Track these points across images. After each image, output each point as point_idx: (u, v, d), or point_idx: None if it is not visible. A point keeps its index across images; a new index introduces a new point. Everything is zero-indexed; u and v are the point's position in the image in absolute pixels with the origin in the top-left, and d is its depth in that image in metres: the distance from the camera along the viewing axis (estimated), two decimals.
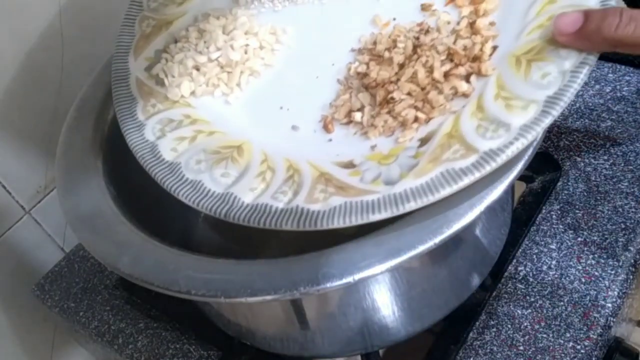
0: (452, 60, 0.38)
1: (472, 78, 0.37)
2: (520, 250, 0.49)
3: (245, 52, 0.43)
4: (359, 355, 0.46)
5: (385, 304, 0.40)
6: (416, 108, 0.37)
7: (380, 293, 0.39)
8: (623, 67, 0.60)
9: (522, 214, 0.51)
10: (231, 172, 0.37)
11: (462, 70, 0.37)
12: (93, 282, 0.58)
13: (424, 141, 0.35)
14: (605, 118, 0.56)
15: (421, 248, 0.32)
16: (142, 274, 0.35)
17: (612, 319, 0.45)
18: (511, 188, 0.43)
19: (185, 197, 0.37)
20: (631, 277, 0.46)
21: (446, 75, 0.37)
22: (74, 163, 0.43)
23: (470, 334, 0.46)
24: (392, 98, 0.37)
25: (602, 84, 0.59)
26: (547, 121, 0.32)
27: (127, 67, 0.45)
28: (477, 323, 0.46)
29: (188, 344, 0.51)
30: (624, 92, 0.58)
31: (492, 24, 0.39)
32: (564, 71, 0.33)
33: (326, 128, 0.39)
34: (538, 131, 0.32)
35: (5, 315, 0.62)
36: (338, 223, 0.33)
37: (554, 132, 0.56)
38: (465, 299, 0.45)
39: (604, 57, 0.61)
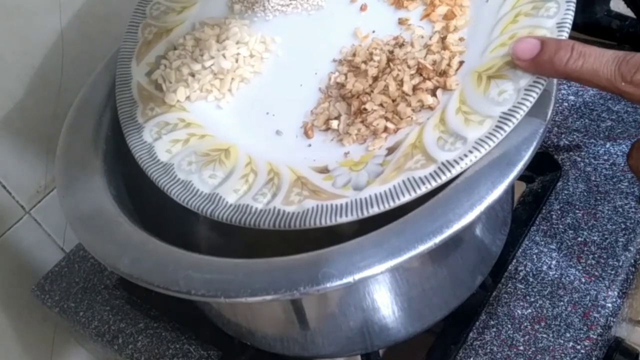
0: (421, 75, 0.40)
1: (438, 92, 0.39)
2: (520, 250, 0.49)
3: (237, 61, 0.46)
4: (359, 355, 0.46)
5: (385, 304, 0.40)
6: (386, 119, 0.40)
7: (380, 293, 0.39)
8: None
9: (522, 214, 0.51)
10: (218, 174, 0.40)
11: (429, 84, 0.39)
12: (93, 282, 0.58)
13: (391, 150, 0.38)
14: (605, 118, 0.56)
15: (421, 248, 0.32)
16: (142, 274, 0.35)
17: (612, 319, 0.45)
18: (511, 188, 0.43)
19: (177, 196, 0.40)
20: (631, 277, 0.46)
21: (415, 88, 0.40)
22: (74, 163, 0.43)
23: (470, 334, 0.46)
24: (365, 109, 0.40)
25: None
26: (500, 136, 0.34)
27: (129, 71, 0.47)
28: (477, 323, 0.46)
29: (188, 344, 0.51)
30: None
31: (461, 39, 0.41)
32: (519, 89, 0.35)
33: (306, 134, 0.42)
34: (491, 145, 0.34)
35: (5, 315, 0.62)
36: (309, 224, 0.36)
37: (554, 132, 0.56)
38: (465, 299, 0.45)
39: None
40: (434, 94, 0.39)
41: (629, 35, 0.60)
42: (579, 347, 0.43)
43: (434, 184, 0.34)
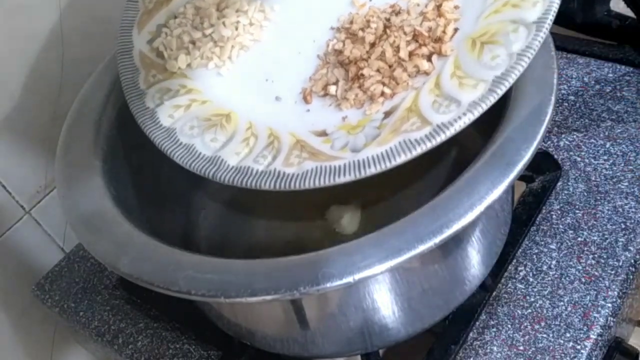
0: (417, 41, 0.41)
1: (434, 58, 0.40)
2: (520, 250, 0.49)
3: (236, 29, 0.46)
4: (359, 355, 0.46)
5: (385, 304, 0.40)
6: (383, 84, 0.40)
7: (380, 293, 0.39)
8: (623, 67, 0.60)
9: (522, 214, 0.51)
10: (219, 138, 0.41)
11: (425, 50, 0.40)
12: (93, 282, 0.58)
13: (387, 114, 0.39)
14: (605, 118, 0.56)
15: (421, 248, 0.32)
16: (142, 274, 0.35)
17: (612, 319, 0.45)
18: (511, 188, 0.43)
19: (179, 159, 0.40)
20: (631, 277, 0.46)
21: (411, 54, 0.41)
22: (74, 163, 0.43)
23: (470, 334, 0.46)
24: (363, 74, 0.41)
25: (602, 84, 0.59)
26: (493, 99, 0.35)
27: (131, 40, 0.47)
28: (477, 323, 0.46)
29: (188, 344, 0.51)
30: (624, 92, 0.58)
31: (456, 7, 0.42)
32: (512, 54, 0.36)
33: (305, 99, 0.43)
34: (484, 108, 0.35)
35: (5, 315, 0.62)
36: (309, 185, 0.37)
37: (554, 132, 0.56)
38: (465, 299, 0.45)
39: (604, 57, 0.61)
40: (429, 60, 0.40)
41: (629, 35, 0.60)
42: (579, 347, 0.43)
43: (429, 145, 0.35)
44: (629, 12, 0.59)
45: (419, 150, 0.35)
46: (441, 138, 0.35)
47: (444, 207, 0.33)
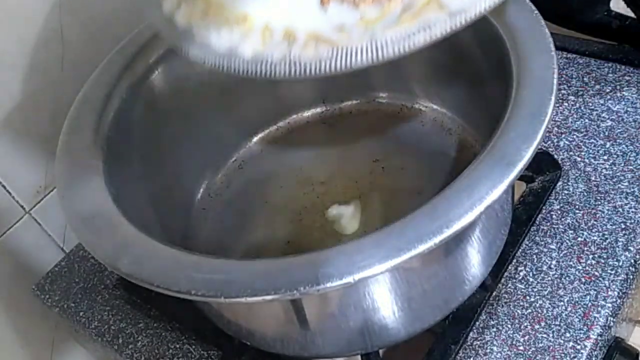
0: None
1: None
2: (520, 250, 0.49)
3: None
4: (359, 355, 0.46)
5: (385, 304, 0.40)
6: None
7: (380, 293, 0.39)
8: (623, 67, 0.60)
9: (522, 214, 0.51)
10: (235, 35, 0.40)
11: None
12: (93, 282, 0.58)
13: (405, 8, 0.38)
14: (605, 118, 0.56)
15: (421, 248, 0.32)
16: (142, 274, 0.35)
17: (612, 319, 0.45)
18: (511, 188, 0.43)
19: (195, 56, 0.39)
20: (631, 277, 0.46)
21: None
22: (74, 163, 0.43)
23: (470, 334, 0.46)
24: None
25: (602, 84, 0.59)
26: None
27: None
28: (477, 323, 0.46)
29: (188, 344, 0.51)
30: (624, 92, 0.58)
31: None
32: None
33: (322, 2, 0.41)
34: None
35: (5, 315, 0.62)
36: (325, 70, 0.36)
37: (554, 132, 0.56)
38: (465, 299, 0.45)
39: (604, 57, 0.61)
40: None
41: (629, 35, 0.60)
42: (579, 347, 0.43)
43: (448, 26, 0.35)
44: (629, 12, 0.59)
45: (437, 32, 0.35)
46: (459, 21, 0.35)
47: (444, 207, 0.33)
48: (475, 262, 0.43)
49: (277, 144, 0.60)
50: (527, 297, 0.46)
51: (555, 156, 0.54)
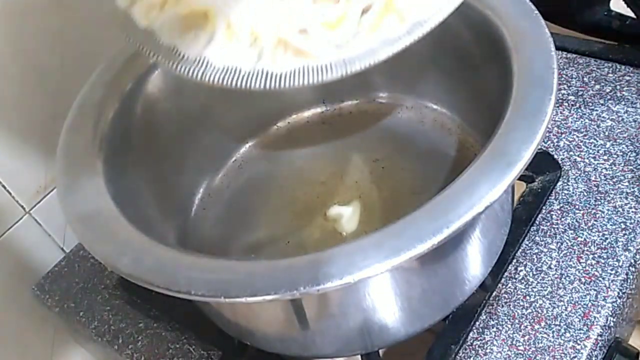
0: None
1: None
2: (520, 250, 0.49)
3: None
4: (359, 355, 0.46)
5: (385, 304, 0.40)
6: None
7: (380, 293, 0.39)
8: (623, 67, 0.60)
9: (522, 214, 0.51)
10: (200, 38, 0.40)
11: None
12: (93, 282, 0.58)
13: (365, 10, 0.39)
14: (605, 118, 0.56)
15: (421, 248, 0.32)
16: (142, 274, 0.35)
17: (612, 319, 0.45)
18: (511, 188, 0.43)
19: (164, 61, 0.39)
20: (631, 277, 0.46)
21: None
22: (74, 163, 0.43)
23: (470, 334, 0.46)
24: None
25: (602, 84, 0.59)
26: None
27: None
28: (477, 323, 0.46)
29: (188, 344, 0.51)
30: (624, 92, 0.58)
31: None
32: None
33: None
34: (456, 5, 0.36)
35: (5, 315, 0.62)
36: (298, 83, 0.37)
37: (554, 132, 0.56)
38: (465, 299, 0.45)
39: (604, 57, 0.61)
40: None
41: (629, 35, 0.60)
42: (579, 347, 0.43)
43: (408, 41, 0.36)
44: (629, 12, 0.59)
45: (399, 46, 0.37)
46: (418, 34, 0.37)
47: (444, 207, 0.33)
48: (475, 262, 0.43)
49: (277, 144, 0.60)
50: (527, 297, 0.46)
51: (555, 156, 0.54)
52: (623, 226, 0.48)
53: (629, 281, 0.46)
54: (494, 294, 0.47)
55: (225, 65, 0.39)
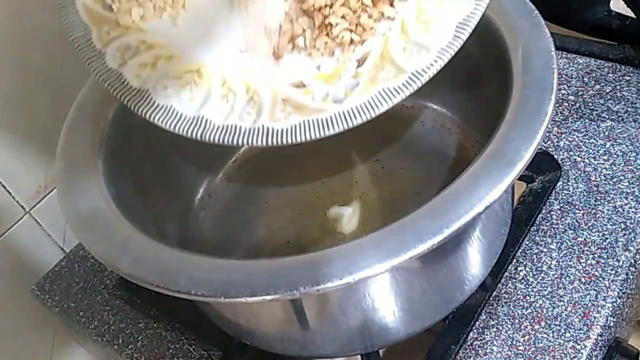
0: None
1: (396, 2, 0.41)
2: (520, 250, 0.49)
3: None
4: (359, 355, 0.46)
5: (385, 304, 0.40)
6: (350, 31, 0.41)
7: (380, 293, 0.39)
8: (623, 67, 0.60)
9: (522, 214, 0.51)
10: (196, 96, 0.40)
11: None
12: (93, 282, 0.58)
13: (361, 61, 0.40)
14: (605, 118, 0.56)
15: (421, 248, 0.32)
16: (142, 274, 0.35)
17: (612, 319, 0.45)
18: (511, 188, 0.43)
19: (161, 122, 0.39)
20: (631, 277, 0.46)
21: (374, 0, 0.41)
22: (74, 163, 0.43)
23: (470, 334, 0.46)
24: (330, 23, 0.41)
25: (602, 84, 0.59)
26: (458, 44, 0.38)
27: None
28: (477, 323, 0.46)
29: (188, 344, 0.51)
30: (624, 92, 0.58)
31: None
32: None
33: (275, 56, 0.42)
34: (452, 53, 0.37)
35: (5, 315, 0.62)
36: (300, 139, 0.38)
37: (554, 132, 0.56)
38: (465, 299, 0.45)
39: (604, 57, 0.61)
40: (392, 5, 0.41)
41: (629, 35, 0.60)
42: (579, 347, 0.43)
43: (408, 93, 0.37)
44: (629, 12, 0.59)
45: (398, 98, 0.37)
46: (417, 85, 0.37)
47: (444, 207, 0.33)
48: (475, 262, 0.43)
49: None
50: (527, 297, 0.46)
51: (555, 156, 0.54)
52: (623, 226, 0.48)
53: (629, 281, 0.46)
54: (494, 294, 0.47)
55: (225, 124, 0.39)
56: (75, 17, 0.42)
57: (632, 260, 0.47)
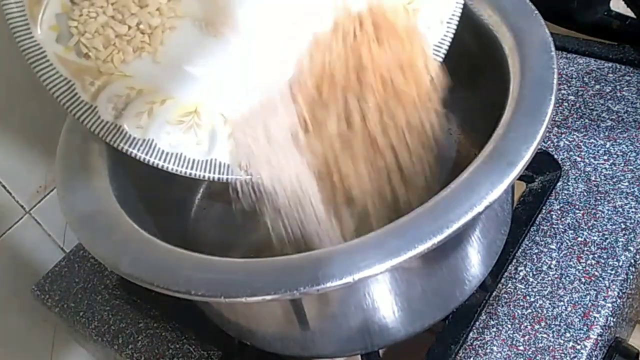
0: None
1: None
2: (520, 250, 0.49)
3: (160, 13, 0.42)
4: (359, 355, 0.46)
5: (385, 304, 0.40)
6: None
7: (380, 293, 0.39)
8: (623, 67, 0.60)
9: (522, 214, 0.51)
10: (202, 139, 0.40)
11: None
12: (93, 282, 0.58)
13: None
14: (605, 118, 0.56)
15: (421, 248, 0.32)
16: (142, 274, 0.35)
17: (612, 319, 0.45)
18: (511, 188, 0.43)
19: (176, 170, 0.40)
20: (631, 277, 0.46)
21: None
22: (74, 163, 0.43)
23: (470, 334, 0.46)
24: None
25: (602, 84, 0.59)
26: None
27: (36, 42, 0.40)
28: (477, 323, 0.46)
29: (188, 344, 0.51)
30: (624, 92, 0.58)
31: None
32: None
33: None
34: None
35: (5, 315, 0.62)
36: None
37: (554, 132, 0.56)
38: (465, 299, 0.45)
39: (604, 58, 0.61)
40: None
41: (629, 35, 0.60)
42: (579, 347, 0.43)
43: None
44: (629, 12, 0.59)
45: None
46: None
47: (444, 207, 0.33)
48: (475, 262, 0.43)
49: None
50: (527, 297, 0.46)
51: (555, 156, 0.54)
52: (623, 226, 0.48)
53: (629, 281, 0.46)
54: (494, 294, 0.47)
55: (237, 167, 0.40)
56: (51, 71, 0.40)
57: (632, 260, 0.47)
